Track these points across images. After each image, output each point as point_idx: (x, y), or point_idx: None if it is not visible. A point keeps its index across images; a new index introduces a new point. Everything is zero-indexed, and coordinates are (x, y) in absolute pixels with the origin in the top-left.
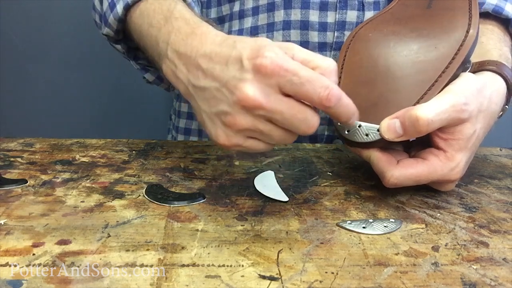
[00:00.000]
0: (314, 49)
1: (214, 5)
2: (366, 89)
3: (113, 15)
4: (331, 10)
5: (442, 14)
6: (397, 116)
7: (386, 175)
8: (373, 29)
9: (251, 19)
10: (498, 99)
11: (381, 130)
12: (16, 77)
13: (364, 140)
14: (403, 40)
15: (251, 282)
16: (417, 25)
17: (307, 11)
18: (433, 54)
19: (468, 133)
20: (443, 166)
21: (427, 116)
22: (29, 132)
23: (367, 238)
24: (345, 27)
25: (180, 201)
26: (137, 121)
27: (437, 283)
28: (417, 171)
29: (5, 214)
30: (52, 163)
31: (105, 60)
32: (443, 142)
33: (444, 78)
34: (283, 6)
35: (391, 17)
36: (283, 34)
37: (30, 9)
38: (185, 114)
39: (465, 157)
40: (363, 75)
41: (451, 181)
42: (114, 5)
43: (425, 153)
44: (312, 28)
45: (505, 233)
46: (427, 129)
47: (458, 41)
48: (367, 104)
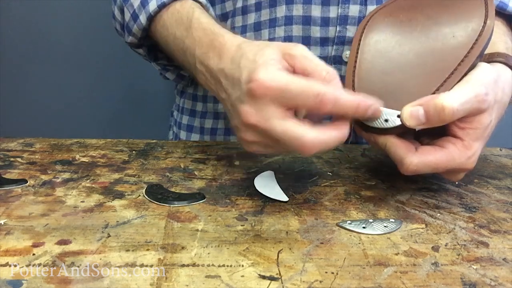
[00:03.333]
0: (316, 44)
1: (218, 2)
2: (384, 74)
3: (137, 25)
4: (333, 4)
5: (458, 3)
6: (420, 104)
7: (405, 162)
8: (388, 14)
9: (254, 15)
10: (508, 90)
11: (403, 116)
12: (16, 77)
13: (383, 126)
14: (420, 27)
15: (251, 282)
16: (433, 13)
17: (309, 6)
18: (451, 42)
19: (486, 123)
20: (460, 155)
21: (453, 106)
22: (29, 132)
23: (367, 238)
24: (348, 22)
25: (180, 201)
26: (137, 121)
27: (437, 283)
28: (436, 158)
29: (5, 214)
30: (52, 163)
31: (105, 60)
32: (461, 131)
33: (463, 67)
34: (285, 1)
35: (405, 3)
36: (285, 29)
37: (30, 9)
38: (188, 111)
39: (481, 146)
40: (380, 60)
41: (465, 170)
42: (137, 16)
43: (442, 141)
44: (314, 23)
45: (505, 233)
46: (451, 118)
47: (476, 30)
48: (384, 90)
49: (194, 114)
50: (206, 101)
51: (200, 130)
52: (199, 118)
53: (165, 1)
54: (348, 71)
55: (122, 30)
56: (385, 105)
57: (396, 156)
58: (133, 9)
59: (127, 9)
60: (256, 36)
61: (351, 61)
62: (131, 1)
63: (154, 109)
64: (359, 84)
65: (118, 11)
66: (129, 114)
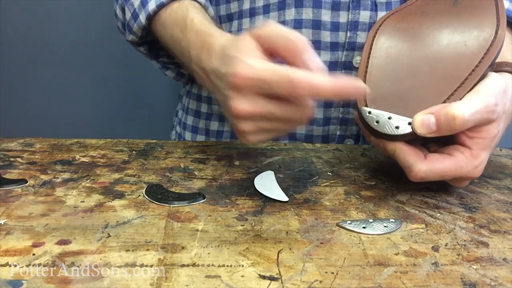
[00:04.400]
0: (326, 49)
1: (222, 2)
2: (394, 81)
3: (137, 24)
4: (343, 10)
5: (469, 12)
6: (431, 112)
7: (413, 169)
8: (400, 19)
9: (262, 17)
10: None
11: (414, 124)
12: (16, 77)
13: (393, 133)
14: (431, 34)
15: (251, 282)
16: (445, 21)
17: (319, 10)
18: (463, 51)
19: (494, 133)
20: (468, 164)
21: (464, 115)
22: (29, 132)
23: (367, 238)
24: (358, 28)
25: (180, 201)
26: (137, 121)
27: (437, 283)
28: (444, 166)
29: (5, 214)
30: (52, 163)
31: (105, 60)
32: (469, 140)
33: (474, 77)
34: (294, 4)
35: (417, 9)
36: None
37: (30, 9)
38: (193, 111)
39: (488, 155)
40: (391, 66)
41: (472, 178)
42: (137, 16)
43: (450, 149)
44: (324, 28)
45: (505, 233)
46: (461, 128)
47: (487, 40)
48: (395, 96)
49: (199, 115)
50: (211, 102)
51: (206, 132)
52: (204, 120)
53: (163, 1)
54: (359, 76)
55: (123, 28)
56: (397, 110)
57: (405, 163)
58: (133, 8)
59: (128, 8)
60: None
61: (362, 66)
62: (132, 1)
63: (154, 109)
64: (370, 89)
65: (119, 10)
66: (129, 114)
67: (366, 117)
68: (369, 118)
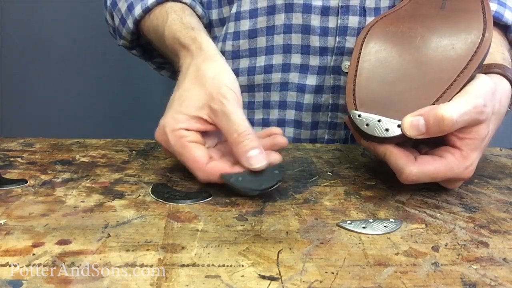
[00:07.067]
0: (315, 54)
1: (215, 6)
2: (384, 84)
3: (125, 29)
4: (332, 15)
5: (456, 15)
6: (420, 114)
7: (404, 171)
8: (389, 24)
9: (249, 22)
10: (505, 101)
11: (404, 126)
12: (16, 77)
13: (383, 135)
14: (420, 38)
15: (251, 282)
16: (433, 24)
17: (308, 15)
18: (451, 54)
19: (483, 134)
20: (459, 164)
21: (452, 116)
22: (29, 132)
23: (367, 238)
24: (347, 33)
25: (187, 200)
26: (137, 121)
27: (437, 283)
28: (435, 168)
29: (5, 214)
30: (52, 163)
31: (105, 60)
32: (459, 141)
33: (462, 79)
34: (284, 9)
35: (405, 14)
36: (284, 37)
37: (30, 9)
38: None
39: (479, 156)
40: (381, 70)
41: (463, 179)
42: (125, 21)
43: (441, 151)
44: (313, 33)
45: (505, 233)
46: (450, 129)
47: (475, 43)
48: (384, 99)
49: None
50: None
51: None
52: None
53: (149, 6)
54: (348, 80)
55: (114, 33)
56: (387, 113)
57: (396, 165)
58: (121, 14)
59: (115, 14)
60: (251, 43)
61: (351, 70)
62: (119, 6)
63: (154, 109)
64: (360, 92)
65: (109, 16)
66: (129, 114)
67: (356, 120)
68: (359, 121)
